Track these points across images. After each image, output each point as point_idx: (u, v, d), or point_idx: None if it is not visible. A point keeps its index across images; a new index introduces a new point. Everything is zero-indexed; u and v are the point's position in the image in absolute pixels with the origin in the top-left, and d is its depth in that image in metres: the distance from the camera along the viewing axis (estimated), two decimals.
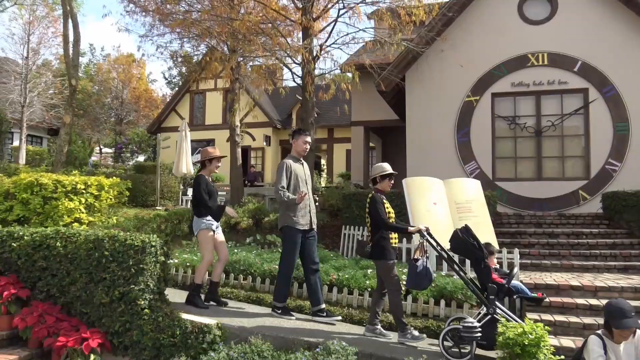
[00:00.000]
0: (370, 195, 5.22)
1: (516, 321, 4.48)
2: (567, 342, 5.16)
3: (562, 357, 3.99)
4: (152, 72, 68.50)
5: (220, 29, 11.24)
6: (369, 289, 6.44)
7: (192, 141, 16.11)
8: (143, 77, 33.93)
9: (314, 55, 10.62)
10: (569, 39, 10.94)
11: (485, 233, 8.15)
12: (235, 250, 8.43)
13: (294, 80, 11.51)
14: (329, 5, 11.10)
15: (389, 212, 5.16)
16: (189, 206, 15.07)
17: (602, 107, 10.69)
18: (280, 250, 5.92)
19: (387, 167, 5.31)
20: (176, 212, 11.17)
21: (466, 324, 4.29)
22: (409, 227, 5.15)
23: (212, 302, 5.85)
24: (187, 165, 14.27)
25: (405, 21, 10.22)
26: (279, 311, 5.58)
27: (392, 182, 5.35)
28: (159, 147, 15.34)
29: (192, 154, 18.37)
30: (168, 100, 29.13)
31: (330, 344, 4.33)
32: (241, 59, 13.58)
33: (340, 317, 5.70)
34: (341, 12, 10.61)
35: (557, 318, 5.71)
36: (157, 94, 35.97)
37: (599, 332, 3.84)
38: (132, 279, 4.96)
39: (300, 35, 11.61)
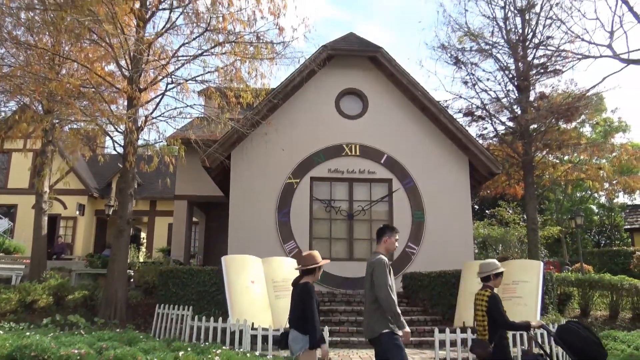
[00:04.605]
0: (487, 293, 4.96)
1: None
2: None
3: None
4: None
5: (35, 88, 10.44)
6: None
7: None
8: None
9: (139, 125, 10.38)
10: (377, 135, 12.39)
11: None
12: (27, 333, 7.42)
13: (114, 149, 11.03)
14: (158, 78, 11.07)
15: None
16: None
17: (403, 197, 12.11)
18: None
19: (499, 264, 5.17)
20: None
21: None
22: (531, 322, 4.85)
23: None
24: None
25: (233, 102, 10.62)
26: None
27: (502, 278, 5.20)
28: None
29: None
30: None
31: None
32: (57, 121, 12.65)
33: None
34: (169, 86, 10.65)
35: None
36: None
37: None
38: None
39: (125, 103, 11.29)
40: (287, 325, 5.15)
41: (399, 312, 4.66)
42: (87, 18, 9.06)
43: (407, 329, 4.71)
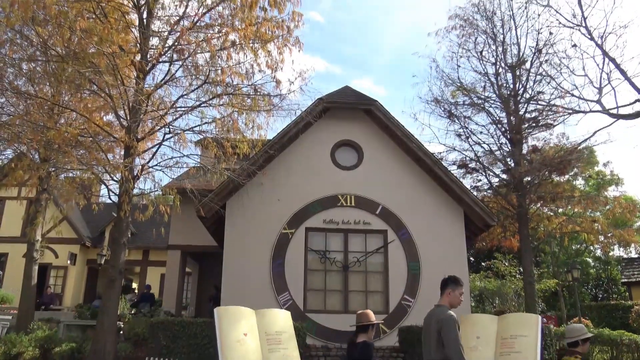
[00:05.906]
0: None
1: None
2: None
3: None
4: None
5: (33, 136, 10.52)
6: None
7: None
8: None
9: (135, 174, 10.40)
10: (372, 186, 12.43)
11: None
12: None
13: (109, 198, 11.00)
14: (156, 128, 11.18)
15: None
16: None
17: (398, 248, 12.02)
18: None
19: (586, 329, 5.14)
20: None
21: None
22: None
23: None
24: None
25: (229, 153, 10.70)
26: None
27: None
28: None
29: None
30: None
31: None
32: (53, 169, 12.68)
33: None
34: (167, 136, 10.74)
35: None
36: None
37: None
38: None
39: (122, 152, 11.35)
40: None
41: None
42: (88, 69, 9.25)
43: None
